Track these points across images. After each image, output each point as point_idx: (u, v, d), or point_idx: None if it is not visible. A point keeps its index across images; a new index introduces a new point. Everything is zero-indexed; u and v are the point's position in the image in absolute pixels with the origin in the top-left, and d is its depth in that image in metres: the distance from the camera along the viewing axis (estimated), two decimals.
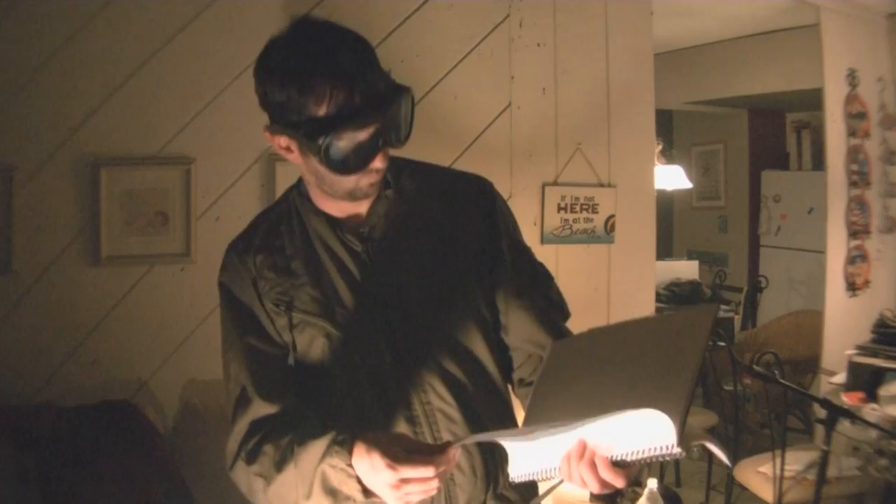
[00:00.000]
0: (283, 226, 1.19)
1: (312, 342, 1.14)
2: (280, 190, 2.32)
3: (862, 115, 3.72)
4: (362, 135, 1.03)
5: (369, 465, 0.98)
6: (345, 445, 1.01)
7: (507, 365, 1.25)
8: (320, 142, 1.02)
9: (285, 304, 1.14)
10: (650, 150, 3.02)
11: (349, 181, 1.09)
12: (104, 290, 2.19)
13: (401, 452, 0.96)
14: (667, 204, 5.95)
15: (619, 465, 0.91)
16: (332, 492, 1.03)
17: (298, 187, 1.21)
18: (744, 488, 3.00)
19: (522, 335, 1.22)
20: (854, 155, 3.69)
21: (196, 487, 2.00)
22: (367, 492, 1.01)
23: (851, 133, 3.68)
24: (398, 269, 1.16)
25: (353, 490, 1.01)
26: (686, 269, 5.10)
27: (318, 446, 1.03)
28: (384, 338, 1.14)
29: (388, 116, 1.05)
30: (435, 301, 1.16)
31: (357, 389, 1.14)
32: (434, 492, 0.99)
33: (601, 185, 2.82)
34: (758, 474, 2.88)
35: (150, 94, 2.21)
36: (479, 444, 1.15)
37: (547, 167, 2.73)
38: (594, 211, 2.80)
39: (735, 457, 3.08)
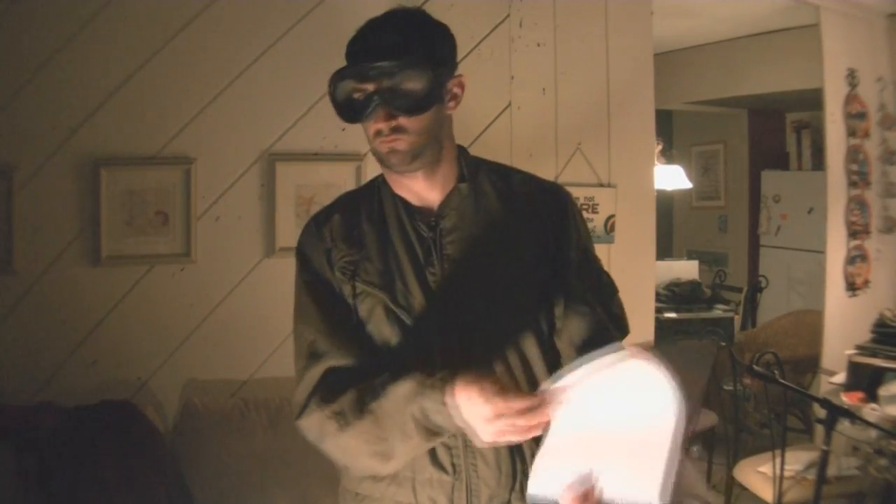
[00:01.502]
0: (363, 204, 1.25)
1: (372, 312, 1.17)
2: (280, 190, 2.36)
3: (862, 115, 3.71)
4: (363, 87, 1.12)
5: (466, 399, 0.99)
6: (443, 381, 1.03)
7: (556, 370, 1.24)
8: (330, 87, 1.15)
9: (350, 273, 1.18)
10: (650, 150, 3.02)
11: (372, 139, 1.16)
12: (104, 290, 2.19)
13: (496, 390, 0.98)
14: (667, 204, 5.94)
15: None
16: (423, 427, 1.04)
17: (383, 174, 1.27)
18: (744, 488, 3.00)
19: (575, 341, 1.21)
20: (854, 155, 3.68)
21: (196, 487, 2.01)
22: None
23: (851, 133, 3.67)
24: (461, 260, 1.18)
25: (447, 422, 1.02)
26: (686, 269, 5.09)
27: (411, 384, 1.05)
28: (436, 322, 1.16)
29: (385, 83, 1.11)
30: (492, 299, 1.18)
31: (404, 366, 1.15)
32: (531, 434, 0.99)
33: (601, 185, 2.82)
34: (758, 474, 2.88)
35: (150, 94, 2.21)
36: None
37: (547, 167, 2.73)
38: (594, 211, 2.80)
39: (735, 457, 3.08)
